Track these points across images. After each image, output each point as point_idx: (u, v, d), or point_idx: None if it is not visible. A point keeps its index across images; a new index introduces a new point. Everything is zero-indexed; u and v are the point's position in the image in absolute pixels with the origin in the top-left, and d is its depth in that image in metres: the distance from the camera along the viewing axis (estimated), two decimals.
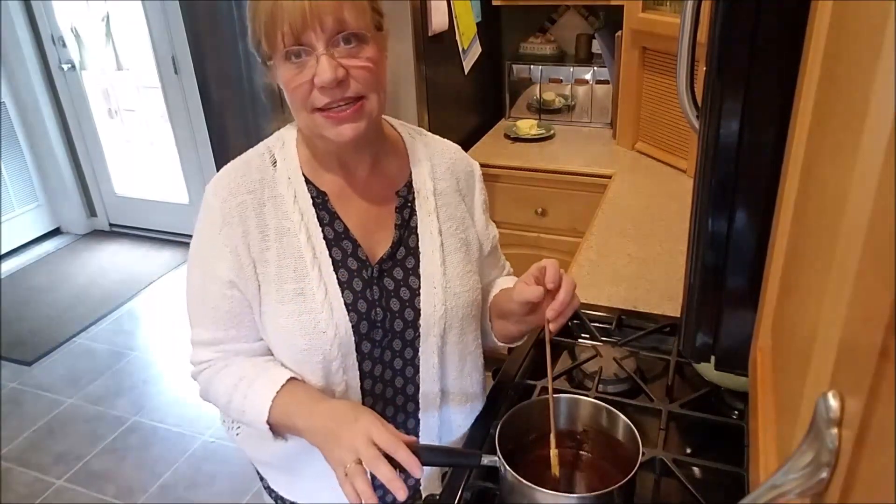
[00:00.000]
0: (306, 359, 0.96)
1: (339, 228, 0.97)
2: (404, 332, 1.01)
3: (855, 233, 0.28)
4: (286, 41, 0.84)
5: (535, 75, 2.62)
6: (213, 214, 0.94)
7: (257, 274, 0.94)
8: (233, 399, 0.97)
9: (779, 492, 0.31)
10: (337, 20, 0.84)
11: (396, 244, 1.00)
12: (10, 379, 2.91)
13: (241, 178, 0.95)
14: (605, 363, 1.19)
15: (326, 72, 0.84)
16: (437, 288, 1.00)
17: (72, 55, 3.85)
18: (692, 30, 0.82)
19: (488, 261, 1.13)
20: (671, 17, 2.02)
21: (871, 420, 0.25)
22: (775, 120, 0.60)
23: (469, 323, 1.06)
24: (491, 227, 1.13)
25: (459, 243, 1.04)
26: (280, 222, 0.95)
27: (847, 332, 0.29)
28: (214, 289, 0.95)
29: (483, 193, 1.12)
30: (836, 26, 0.43)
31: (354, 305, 0.97)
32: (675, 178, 2.11)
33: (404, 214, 1.01)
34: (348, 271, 0.97)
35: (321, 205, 0.97)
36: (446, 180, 1.05)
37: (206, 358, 1.01)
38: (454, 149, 1.10)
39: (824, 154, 0.40)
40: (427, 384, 1.04)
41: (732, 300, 0.69)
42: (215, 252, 0.94)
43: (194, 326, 1.01)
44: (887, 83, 0.25)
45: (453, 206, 1.05)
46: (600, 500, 0.84)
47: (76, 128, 4.04)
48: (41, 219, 4.16)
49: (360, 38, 0.87)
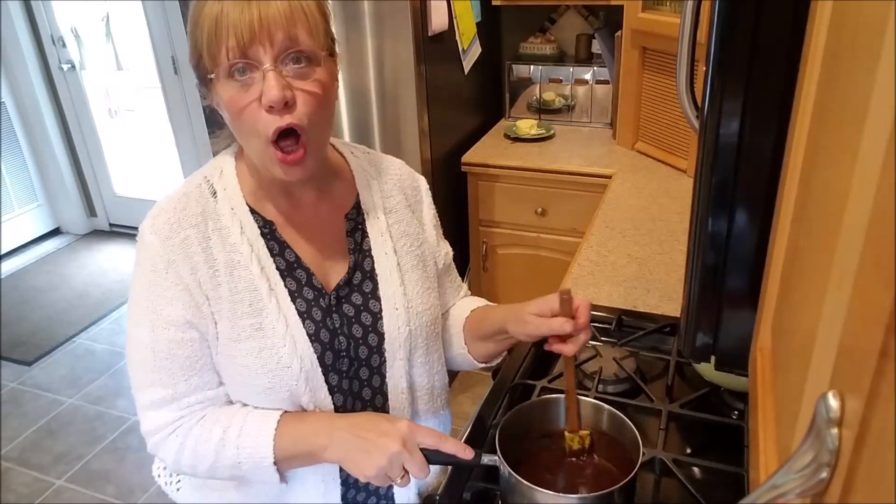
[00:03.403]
0: (270, 398, 0.90)
1: (290, 258, 0.92)
2: (370, 358, 0.96)
3: (855, 233, 0.28)
4: (230, 55, 0.77)
5: (535, 75, 2.62)
6: (155, 255, 0.86)
7: (212, 311, 0.87)
8: (221, 456, 0.89)
9: (779, 492, 0.31)
10: (288, 37, 0.77)
11: (352, 269, 0.96)
12: (10, 379, 2.91)
13: (180, 212, 0.87)
14: (605, 363, 1.19)
15: (273, 89, 0.77)
16: (398, 309, 0.96)
17: (72, 55, 3.85)
18: (692, 30, 0.82)
19: (446, 280, 1.10)
20: (671, 17, 2.02)
21: (871, 420, 0.25)
22: (775, 120, 0.60)
23: (433, 342, 1.02)
24: (443, 244, 1.10)
25: (416, 260, 1.01)
26: (229, 255, 0.88)
27: (847, 331, 0.29)
28: (168, 335, 0.87)
29: (432, 209, 1.08)
30: (836, 26, 0.43)
31: (317, 335, 0.91)
32: (675, 178, 2.11)
33: (356, 238, 0.97)
34: (305, 301, 0.91)
35: (269, 234, 0.91)
36: (395, 196, 1.01)
37: (168, 420, 0.90)
38: (398, 164, 1.06)
39: (824, 154, 0.40)
40: (397, 410, 1.00)
41: (732, 300, 0.69)
42: (163, 294, 0.86)
43: (144, 389, 0.90)
44: (887, 83, 0.25)
45: (405, 223, 1.01)
46: (600, 500, 0.84)
47: (76, 128, 4.04)
48: (41, 219, 4.16)
49: (312, 60, 0.80)
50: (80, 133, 4.05)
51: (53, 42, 3.82)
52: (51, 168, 4.07)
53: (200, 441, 0.90)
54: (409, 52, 2.02)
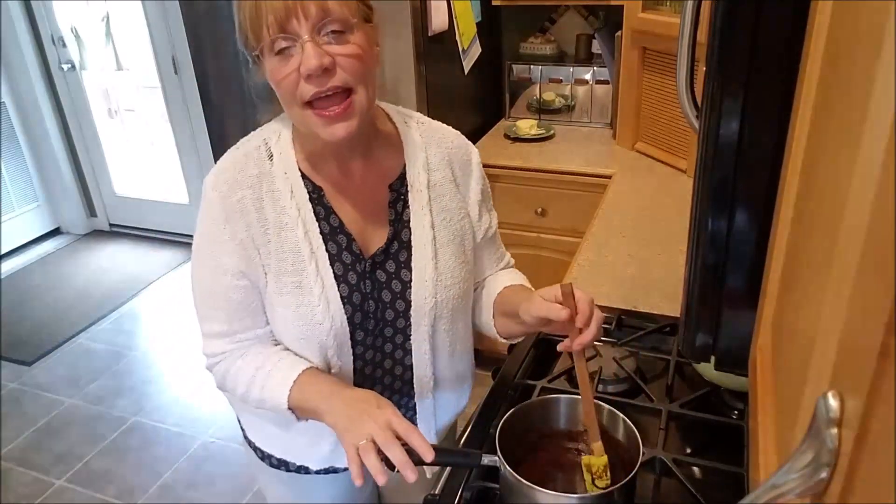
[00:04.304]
0: (303, 346, 0.99)
1: (334, 223, 0.98)
2: (395, 321, 1.03)
3: (855, 233, 0.28)
4: (271, 32, 0.84)
5: (535, 75, 2.62)
6: (216, 210, 0.94)
7: (262, 264, 0.96)
8: (251, 390, 0.99)
9: (779, 492, 0.31)
10: (321, 8, 0.84)
11: (391, 238, 1.01)
12: (10, 379, 2.91)
13: (239, 173, 0.95)
14: (605, 363, 1.19)
15: (311, 58, 0.83)
16: (427, 281, 1.01)
17: (72, 55, 3.85)
18: (692, 30, 0.82)
19: (485, 250, 1.13)
20: (671, 17, 2.02)
21: (871, 420, 0.25)
22: (775, 120, 0.60)
23: (459, 312, 1.07)
24: (486, 217, 1.11)
25: (452, 235, 1.05)
26: (278, 217, 0.95)
27: (847, 332, 0.29)
28: (225, 281, 0.96)
29: (480, 182, 1.11)
30: (836, 26, 0.43)
31: (350, 298, 0.98)
32: (675, 178, 2.11)
33: (398, 208, 1.01)
34: (343, 265, 0.98)
35: (317, 200, 0.98)
36: (441, 171, 1.05)
37: (221, 350, 1.02)
38: (453, 135, 1.09)
39: (824, 154, 0.40)
40: (420, 369, 1.06)
41: (732, 300, 0.69)
42: (222, 246, 0.95)
43: (205, 320, 1.02)
44: (887, 83, 0.25)
45: (448, 198, 1.05)
46: (600, 500, 0.84)
47: (76, 128, 4.04)
48: (41, 219, 4.16)
49: (346, 27, 0.86)
50: (80, 133, 4.05)
51: (53, 42, 3.82)
52: (51, 168, 4.07)
53: (240, 373, 1.00)
54: (409, 52, 2.02)
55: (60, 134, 4.02)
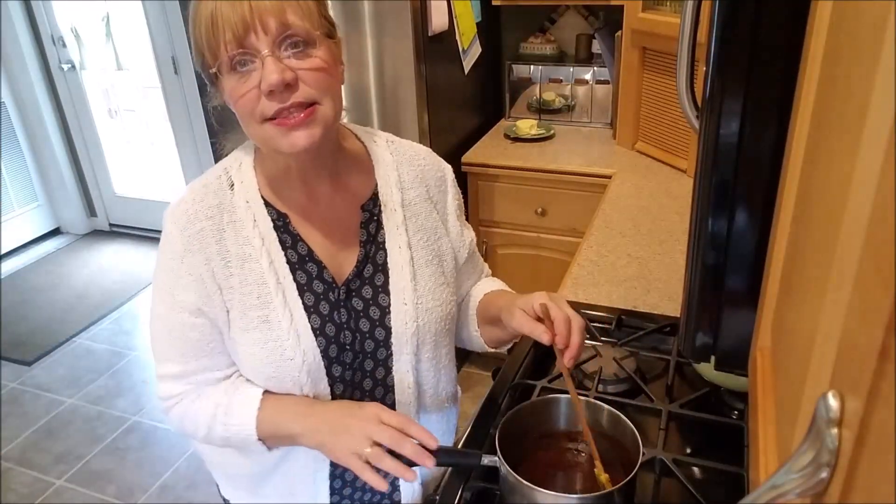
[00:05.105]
0: (275, 385, 0.94)
1: (302, 251, 0.93)
2: (376, 351, 0.97)
3: (855, 233, 0.28)
4: (229, 48, 0.79)
5: (535, 75, 2.62)
6: (174, 243, 0.90)
7: (224, 300, 0.91)
8: (213, 427, 0.95)
9: (779, 492, 0.31)
10: (280, 22, 0.79)
11: (363, 261, 0.96)
12: (10, 379, 2.91)
13: (198, 204, 0.91)
14: (605, 363, 1.19)
15: (272, 73, 0.79)
16: (407, 304, 0.96)
17: (72, 55, 3.86)
18: (692, 30, 0.82)
19: (465, 268, 1.10)
20: (671, 17, 2.02)
21: (871, 420, 0.24)
22: (775, 120, 0.60)
23: (443, 337, 1.02)
24: (466, 231, 1.08)
25: (431, 256, 1.00)
26: (241, 248, 0.90)
27: (847, 332, 0.29)
28: (182, 318, 0.91)
29: (456, 198, 1.07)
30: (836, 26, 0.42)
31: (322, 330, 0.93)
32: (675, 178, 2.11)
33: (370, 229, 0.97)
34: (314, 295, 0.93)
35: (282, 227, 0.93)
36: (415, 189, 1.00)
37: (177, 392, 0.97)
38: (424, 153, 1.04)
39: (824, 154, 0.40)
40: (403, 405, 1.01)
41: (732, 300, 0.69)
42: (179, 282, 0.90)
43: (161, 361, 0.97)
44: (887, 83, 0.25)
45: (423, 217, 1.00)
46: (600, 500, 0.84)
47: (76, 128, 4.04)
48: (41, 219, 4.16)
49: (309, 41, 0.82)
50: (80, 133, 4.05)
51: (53, 42, 3.82)
52: (51, 168, 4.07)
53: (199, 413, 0.96)
54: (409, 52, 2.02)
55: (60, 134, 4.02)
